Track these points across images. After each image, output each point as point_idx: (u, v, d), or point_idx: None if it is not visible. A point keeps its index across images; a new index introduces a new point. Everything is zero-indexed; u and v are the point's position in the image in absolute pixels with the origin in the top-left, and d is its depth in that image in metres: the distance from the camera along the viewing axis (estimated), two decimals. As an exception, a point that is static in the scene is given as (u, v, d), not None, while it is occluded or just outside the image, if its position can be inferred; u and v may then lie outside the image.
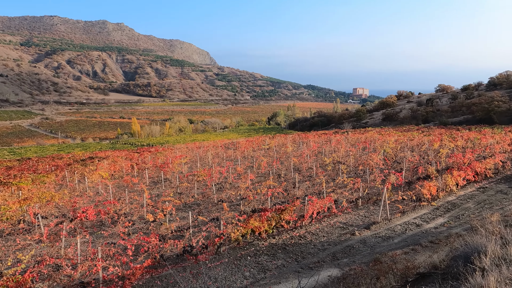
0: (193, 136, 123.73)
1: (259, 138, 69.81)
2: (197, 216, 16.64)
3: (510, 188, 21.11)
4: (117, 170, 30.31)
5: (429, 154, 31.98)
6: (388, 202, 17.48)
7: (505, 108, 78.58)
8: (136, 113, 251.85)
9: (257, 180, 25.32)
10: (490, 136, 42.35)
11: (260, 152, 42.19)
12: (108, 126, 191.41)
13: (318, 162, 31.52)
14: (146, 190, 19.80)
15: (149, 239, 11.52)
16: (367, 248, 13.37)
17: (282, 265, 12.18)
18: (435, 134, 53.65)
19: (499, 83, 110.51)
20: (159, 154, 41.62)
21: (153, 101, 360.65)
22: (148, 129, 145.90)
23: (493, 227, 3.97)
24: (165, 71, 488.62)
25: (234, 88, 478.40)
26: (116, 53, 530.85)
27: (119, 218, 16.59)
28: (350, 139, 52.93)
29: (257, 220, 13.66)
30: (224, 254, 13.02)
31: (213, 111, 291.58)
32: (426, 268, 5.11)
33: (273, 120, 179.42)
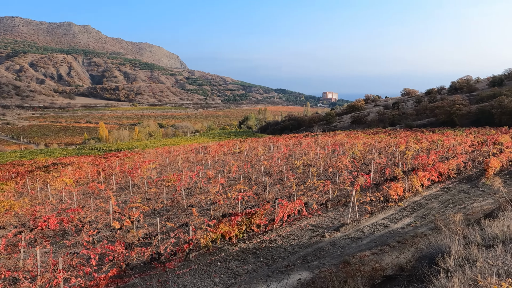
0: (163, 141, 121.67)
1: (230, 142, 69.55)
2: (166, 222, 16.25)
3: (471, 188, 21.96)
4: (82, 177, 29.23)
5: (395, 156, 32.84)
6: (357, 203, 17.74)
7: (465, 111, 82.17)
8: (104, 118, 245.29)
9: (228, 184, 25.10)
10: (452, 138, 44.07)
11: (231, 156, 41.97)
12: (74, 131, 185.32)
13: (288, 165, 31.68)
14: (112, 196, 19.17)
15: (114, 247, 11.08)
16: (337, 250, 13.47)
17: (253, 269, 12.04)
18: (401, 136, 55.29)
19: (459, 87, 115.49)
20: (127, 159, 40.56)
21: (121, 105, 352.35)
22: (116, 133, 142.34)
23: (456, 227, 4.03)
24: (134, 75, 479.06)
25: (205, 92, 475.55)
26: (82, 56, 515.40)
27: (83, 226, 15.94)
28: (320, 142, 53.64)
29: (227, 225, 13.47)
30: (193, 260, 12.74)
31: (184, 115, 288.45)
32: (393, 269, 5.12)
33: (245, 124, 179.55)
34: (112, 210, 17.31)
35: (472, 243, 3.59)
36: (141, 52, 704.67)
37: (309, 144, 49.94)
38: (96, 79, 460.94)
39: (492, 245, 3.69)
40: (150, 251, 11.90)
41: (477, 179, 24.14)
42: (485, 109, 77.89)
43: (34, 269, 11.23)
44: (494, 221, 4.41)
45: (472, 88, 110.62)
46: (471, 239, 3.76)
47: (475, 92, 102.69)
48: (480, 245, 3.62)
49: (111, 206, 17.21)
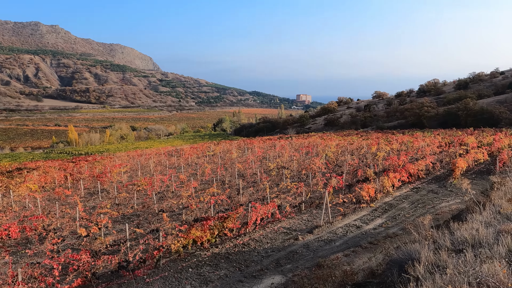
0: (135, 144, 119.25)
1: (204, 144, 68.90)
2: (135, 228, 15.74)
3: (440, 188, 22.53)
4: (48, 182, 28.04)
5: (367, 157, 33.37)
6: (330, 205, 17.79)
7: (433, 113, 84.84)
8: (74, 120, 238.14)
9: (201, 187, 24.71)
10: (421, 139, 45.31)
11: (204, 159, 41.50)
12: (42, 135, 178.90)
13: (262, 167, 31.59)
14: (79, 202, 18.46)
15: (79, 256, 10.57)
16: (310, 252, 13.41)
17: (225, 275, 11.79)
18: (372, 138, 56.39)
19: (428, 90, 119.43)
20: (97, 163, 39.32)
21: (92, 107, 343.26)
22: (86, 137, 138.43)
23: (426, 230, 3.96)
24: (105, 77, 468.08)
25: (179, 94, 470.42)
26: (50, 56, 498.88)
27: (47, 234, 15.19)
28: (294, 144, 53.94)
29: (199, 230, 13.16)
30: (163, 267, 12.35)
31: (157, 118, 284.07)
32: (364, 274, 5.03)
33: (219, 126, 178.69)
34: (79, 217, 16.62)
35: (442, 248, 3.51)
36: (113, 53, 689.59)
37: (283, 146, 50.10)
38: (65, 80, 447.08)
39: (461, 250, 3.62)
40: (118, 259, 11.44)
41: (445, 179, 24.80)
42: (452, 111, 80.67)
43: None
44: (463, 224, 4.38)
45: (439, 91, 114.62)
46: (440, 244, 3.69)
47: (442, 95, 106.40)
48: (450, 250, 3.54)
49: (78, 213, 16.53)
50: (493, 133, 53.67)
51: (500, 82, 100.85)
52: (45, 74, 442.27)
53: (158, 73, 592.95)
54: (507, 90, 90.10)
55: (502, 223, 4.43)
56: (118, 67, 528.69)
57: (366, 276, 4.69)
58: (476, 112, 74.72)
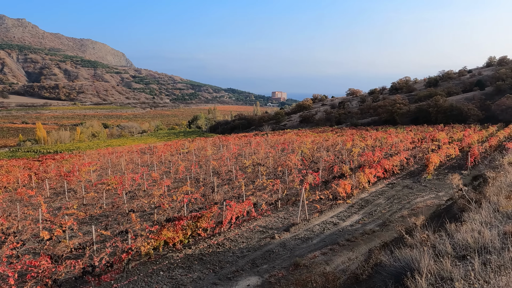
0: (107, 142, 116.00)
1: (178, 142, 67.62)
2: (103, 229, 14.88)
3: (414, 183, 22.68)
4: (11, 182, 26.48)
5: (343, 154, 33.41)
6: (307, 202, 17.48)
7: (405, 110, 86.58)
8: (42, 118, 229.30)
9: (174, 186, 23.94)
10: (394, 135, 45.96)
11: (178, 156, 40.53)
12: (8, 132, 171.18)
13: (238, 164, 31.05)
14: (43, 203, 17.38)
15: (37, 262, 9.73)
16: (287, 251, 13.01)
17: (199, 277, 11.22)
18: (347, 134, 56.87)
19: (400, 88, 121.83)
20: (65, 162, 37.64)
21: (62, 104, 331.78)
22: (56, 135, 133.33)
23: (421, 234, 3.58)
24: (76, 72, 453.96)
25: (153, 91, 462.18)
26: (17, 51, 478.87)
27: (6, 238, 14.11)
28: (269, 141, 53.65)
29: (170, 230, 12.50)
30: (133, 271, 11.64)
31: (131, 115, 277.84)
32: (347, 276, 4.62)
33: (194, 123, 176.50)
34: (42, 219, 15.59)
35: (443, 255, 3.08)
36: (83, 48, 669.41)
37: (259, 143, 49.72)
38: (33, 76, 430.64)
39: (465, 256, 3.20)
40: (82, 264, 10.65)
41: (419, 175, 25.04)
42: (423, 108, 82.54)
43: None
44: (462, 226, 3.99)
45: (410, 88, 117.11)
46: (441, 250, 3.27)
47: (414, 92, 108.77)
48: (452, 256, 3.13)
49: (41, 214, 15.49)
50: (463, 129, 55.22)
51: (468, 80, 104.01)
52: (11, 69, 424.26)
53: (131, 70, 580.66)
54: (474, 87, 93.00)
55: (504, 223, 4.08)
56: (89, 63, 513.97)
57: (350, 281, 4.29)
58: (446, 109, 76.76)
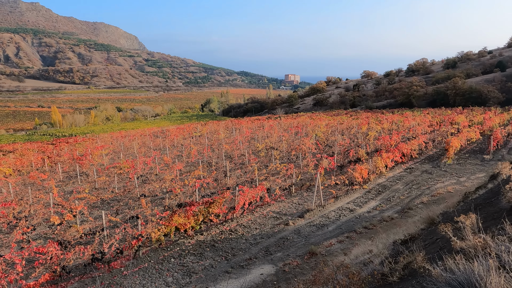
0: (121, 125, 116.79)
1: (191, 125, 67.38)
2: (114, 214, 14.66)
3: (433, 168, 21.85)
4: (25, 165, 26.56)
5: (358, 137, 32.57)
6: (322, 187, 16.94)
7: (422, 93, 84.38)
8: (57, 102, 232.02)
9: (186, 170, 23.62)
10: (411, 119, 44.70)
11: (190, 140, 40.24)
12: (25, 116, 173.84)
13: (251, 148, 30.56)
14: (55, 187, 17.24)
15: (45, 249, 9.46)
16: (302, 238, 12.55)
17: (210, 265, 10.86)
18: (362, 117, 55.69)
19: (416, 69, 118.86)
20: (78, 145, 37.73)
21: (76, 88, 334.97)
22: (70, 118, 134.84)
23: (475, 238, 2.99)
24: (89, 56, 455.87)
25: (166, 74, 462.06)
26: (31, 35, 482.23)
27: (18, 222, 14.02)
28: (282, 124, 52.91)
29: (182, 216, 12.14)
30: (143, 258, 11.36)
31: (144, 99, 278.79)
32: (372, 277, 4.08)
33: (207, 107, 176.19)
34: (53, 203, 15.44)
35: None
36: (97, 32, 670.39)
37: (272, 126, 49.03)
38: (48, 60, 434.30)
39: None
40: (91, 250, 10.38)
41: (438, 159, 24.15)
42: (441, 90, 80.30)
43: None
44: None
45: (428, 70, 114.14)
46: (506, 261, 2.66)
47: (431, 74, 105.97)
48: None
49: (52, 198, 15.33)
50: (482, 112, 53.44)
51: (488, 61, 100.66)
52: (27, 53, 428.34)
53: (144, 53, 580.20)
54: (495, 69, 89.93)
55: None
56: (102, 47, 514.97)
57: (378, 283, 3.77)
58: (465, 91, 74.48)
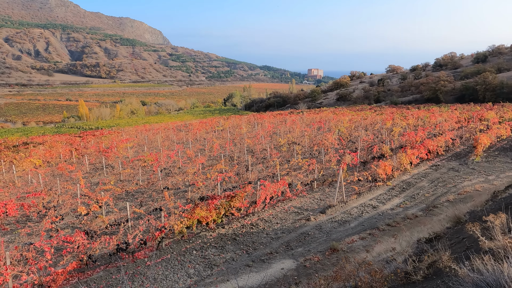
0: (146, 119, 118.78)
1: (213, 119, 67.85)
2: (138, 206, 14.99)
3: (461, 165, 21.23)
4: (54, 157, 27.44)
5: (382, 133, 32.00)
6: (344, 183, 16.77)
7: (450, 88, 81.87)
8: (84, 95, 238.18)
9: (208, 163, 23.83)
10: (438, 114, 43.50)
11: (213, 134, 40.54)
12: (54, 109, 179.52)
13: (272, 143, 30.52)
14: (82, 178, 17.76)
15: (73, 238, 9.78)
16: (323, 234, 12.48)
17: (232, 258, 10.96)
18: (387, 113, 54.60)
19: (444, 64, 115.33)
20: (104, 138, 38.67)
21: (102, 82, 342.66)
22: (97, 111, 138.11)
23: (504, 238, 2.83)
24: (115, 51, 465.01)
25: (189, 68, 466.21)
26: (60, 31, 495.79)
27: (47, 212, 14.52)
28: (305, 119, 52.54)
29: (204, 209, 12.28)
30: (166, 249, 11.58)
31: (167, 93, 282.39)
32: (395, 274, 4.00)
33: (229, 101, 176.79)
34: (80, 194, 15.91)
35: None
36: (122, 27, 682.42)
37: (294, 121, 48.78)
38: (76, 55, 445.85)
39: None
40: (116, 241, 10.66)
41: (465, 156, 23.46)
42: (469, 85, 77.69)
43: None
44: None
45: (456, 64, 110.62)
46: None
47: (459, 69, 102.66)
48: None
49: (79, 189, 15.80)
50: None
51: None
52: (56, 48, 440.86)
53: (168, 47, 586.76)
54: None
55: None
56: (127, 41, 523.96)
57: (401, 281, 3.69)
58: (495, 86, 71.74)
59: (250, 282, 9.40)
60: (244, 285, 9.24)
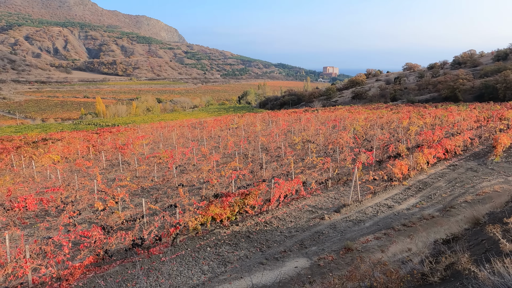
0: (161, 116, 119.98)
1: (228, 117, 68.05)
2: (153, 203, 15.15)
3: (479, 166, 20.79)
4: (71, 153, 27.98)
5: (398, 132, 31.57)
6: (359, 182, 16.61)
7: (469, 86, 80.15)
8: (102, 92, 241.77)
9: (223, 161, 23.93)
10: (456, 113, 42.66)
11: (227, 132, 40.68)
12: (72, 106, 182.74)
13: (287, 141, 30.45)
14: (98, 174, 18.05)
15: (90, 233, 9.96)
16: (337, 233, 12.40)
17: (245, 256, 11.00)
18: (403, 111, 53.82)
19: (463, 62, 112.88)
20: (120, 135, 39.22)
21: (119, 79, 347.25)
22: (114, 109, 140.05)
23: None
24: (132, 49, 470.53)
25: (204, 66, 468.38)
26: (78, 29, 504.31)
27: (65, 207, 14.83)
28: (320, 117, 52.24)
29: (218, 207, 12.34)
30: (180, 245, 11.68)
31: (183, 90, 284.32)
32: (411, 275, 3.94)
33: (244, 99, 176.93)
34: (97, 189, 16.18)
35: None
36: (139, 25, 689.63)
37: (309, 119, 48.54)
38: (93, 53, 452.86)
39: None
40: (131, 236, 10.82)
41: (484, 156, 22.95)
42: (489, 84, 75.88)
43: (3, 257, 10.14)
44: None
45: (476, 62, 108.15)
46: None
47: (479, 67, 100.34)
48: None
49: (96, 185, 16.06)
50: (536, 107, 50.02)
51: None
52: (74, 46, 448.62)
53: (183, 45, 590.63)
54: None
55: None
56: (144, 39, 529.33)
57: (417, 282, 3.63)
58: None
59: (263, 280, 9.41)
60: (258, 282, 9.25)
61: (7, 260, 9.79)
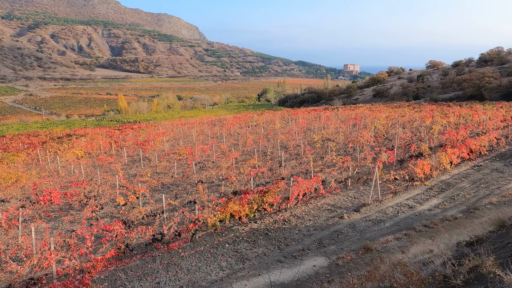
0: (181, 113, 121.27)
1: (247, 114, 68.18)
2: (173, 198, 15.35)
3: (505, 166, 20.17)
4: (94, 148, 28.65)
5: (421, 131, 30.95)
6: (380, 182, 16.36)
7: (495, 84, 77.81)
8: (124, 90, 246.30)
9: (242, 158, 24.02)
10: (482, 113, 41.46)
11: (247, 129, 40.77)
12: (95, 103, 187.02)
13: (306, 139, 30.29)
14: (120, 170, 18.40)
15: (111, 227, 10.18)
16: (357, 233, 12.27)
17: (263, 253, 11.02)
18: (426, 110, 52.68)
19: (490, 59, 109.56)
20: (141, 131, 39.89)
21: (141, 77, 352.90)
22: (135, 105, 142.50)
23: None
24: (153, 46, 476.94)
25: (224, 64, 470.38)
26: (102, 27, 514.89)
27: (88, 201, 15.20)
28: (340, 115, 51.71)
29: (236, 204, 12.41)
30: (199, 241, 11.80)
31: (203, 88, 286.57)
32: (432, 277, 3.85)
33: (263, 96, 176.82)
34: (118, 184, 16.51)
35: None
36: (160, 23, 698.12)
37: (329, 117, 48.13)
38: (116, 50, 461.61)
39: None
40: (152, 231, 10.99)
41: (511, 157, 22.25)
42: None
43: (28, 248, 10.50)
44: None
45: (503, 60, 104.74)
46: None
47: (507, 64, 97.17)
48: None
49: (117, 180, 16.40)
50: None
51: None
52: (97, 44, 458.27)
53: (204, 43, 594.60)
54: None
55: None
56: (165, 37, 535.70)
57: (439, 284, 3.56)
58: (546, 83, 67.45)
59: (281, 278, 9.41)
60: (276, 280, 9.26)
61: (33, 252, 10.14)
